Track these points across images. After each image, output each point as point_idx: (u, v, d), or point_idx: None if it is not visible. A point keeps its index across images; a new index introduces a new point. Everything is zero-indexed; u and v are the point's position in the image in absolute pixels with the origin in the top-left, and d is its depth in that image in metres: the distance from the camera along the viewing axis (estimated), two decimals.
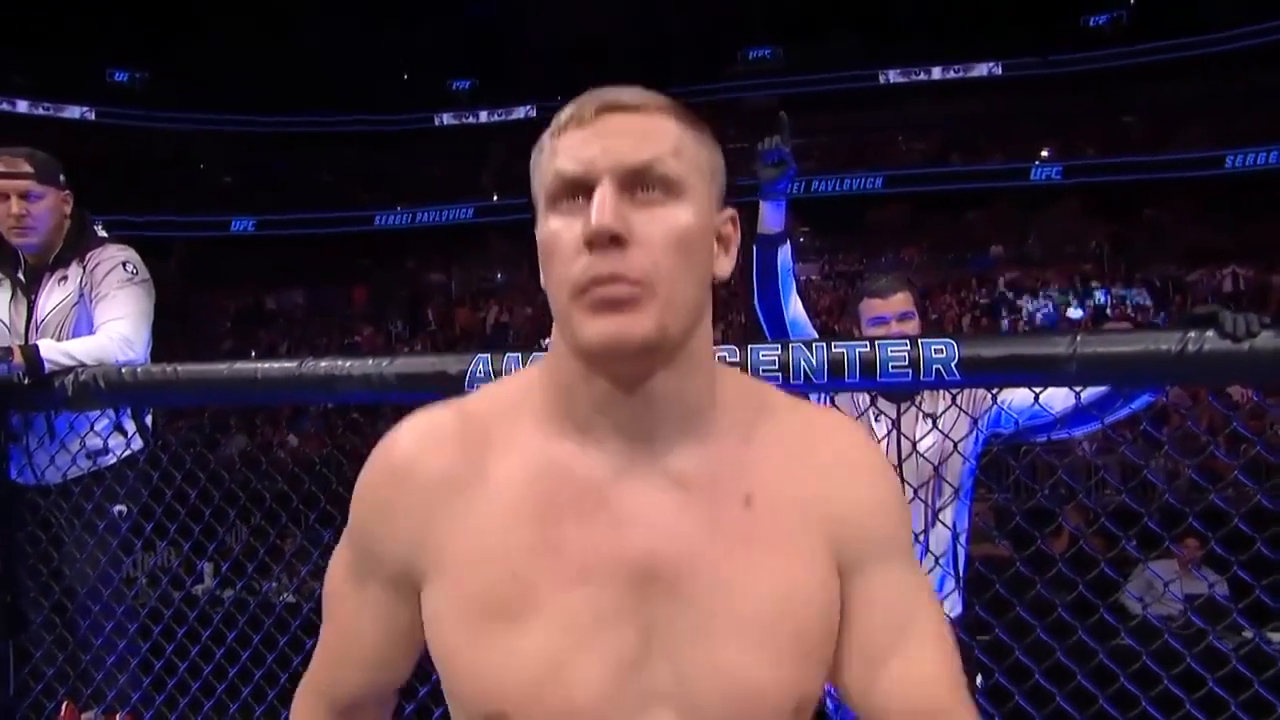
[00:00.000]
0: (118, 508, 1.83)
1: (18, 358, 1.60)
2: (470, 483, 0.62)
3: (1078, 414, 1.33)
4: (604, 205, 0.56)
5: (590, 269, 0.57)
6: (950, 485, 1.63)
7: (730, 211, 0.65)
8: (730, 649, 0.60)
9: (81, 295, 1.88)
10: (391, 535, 0.64)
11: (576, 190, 0.58)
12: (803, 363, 1.18)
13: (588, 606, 0.59)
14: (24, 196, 1.84)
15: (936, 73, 20.30)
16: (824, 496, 0.65)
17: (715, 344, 0.70)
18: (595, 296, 0.57)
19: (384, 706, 0.75)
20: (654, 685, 0.60)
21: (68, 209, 1.94)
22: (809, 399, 0.75)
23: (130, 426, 1.90)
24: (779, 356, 1.20)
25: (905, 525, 0.69)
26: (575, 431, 0.62)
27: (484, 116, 22.09)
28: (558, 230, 0.59)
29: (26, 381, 1.62)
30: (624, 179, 0.58)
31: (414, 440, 0.65)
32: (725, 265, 0.64)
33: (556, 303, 0.60)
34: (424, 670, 0.69)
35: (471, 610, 0.60)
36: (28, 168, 1.86)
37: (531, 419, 0.64)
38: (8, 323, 1.91)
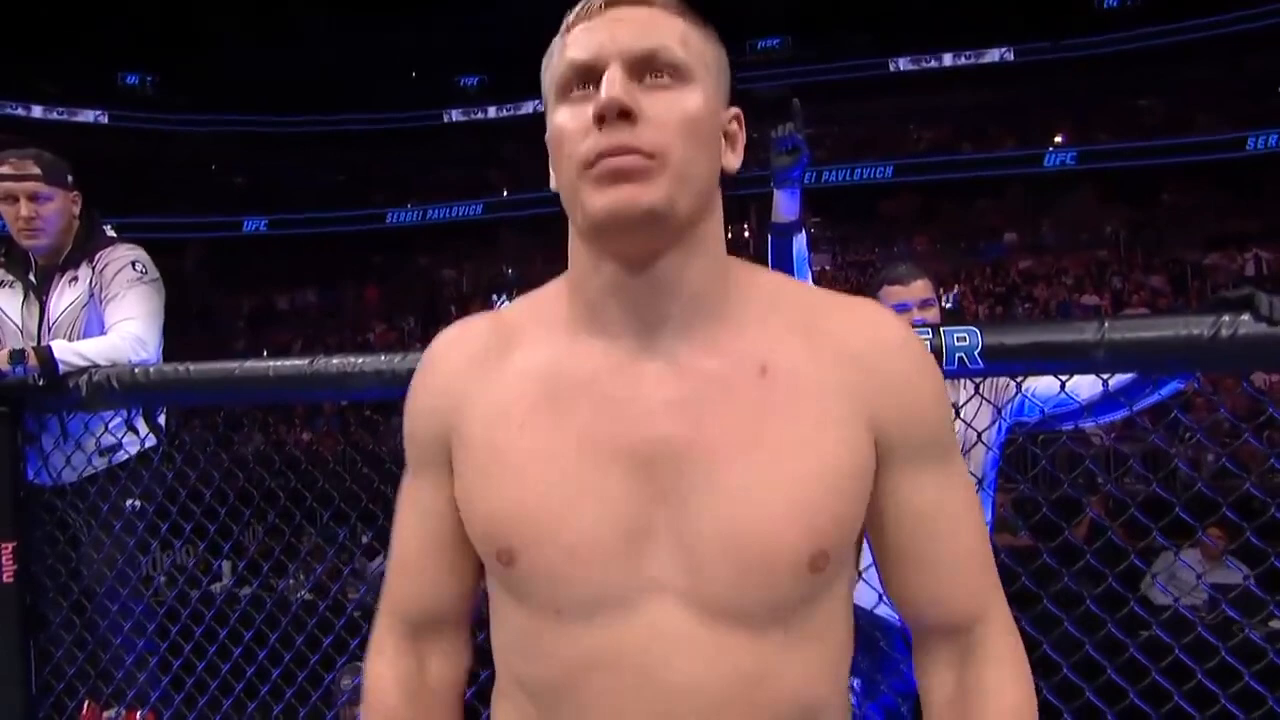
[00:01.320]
0: (131, 502, 1.83)
1: (32, 360, 1.60)
2: (493, 369, 0.66)
3: (1105, 401, 1.30)
4: (613, 81, 0.58)
5: (600, 142, 0.58)
6: (974, 475, 1.60)
7: (735, 110, 0.66)
8: (735, 507, 0.60)
9: (92, 296, 1.88)
10: (428, 413, 0.69)
11: (586, 78, 0.60)
12: None
13: (591, 472, 0.61)
14: (33, 198, 1.84)
15: (947, 59, 20.07)
16: (855, 378, 0.63)
17: None
18: (604, 168, 0.57)
19: (458, 632, 0.74)
20: (656, 566, 0.60)
21: (76, 210, 1.93)
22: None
23: (143, 426, 1.90)
24: None
25: (947, 423, 0.67)
26: (590, 326, 0.64)
27: (493, 113, 22.07)
28: (567, 117, 0.61)
29: (41, 383, 1.62)
30: (632, 63, 0.59)
31: (449, 337, 0.71)
32: (732, 160, 0.65)
33: (565, 185, 0.61)
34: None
35: (484, 459, 0.64)
36: (36, 169, 1.86)
37: (554, 320, 0.66)
38: (20, 325, 1.91)
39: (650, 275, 0.61)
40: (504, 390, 0.65)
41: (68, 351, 1.65)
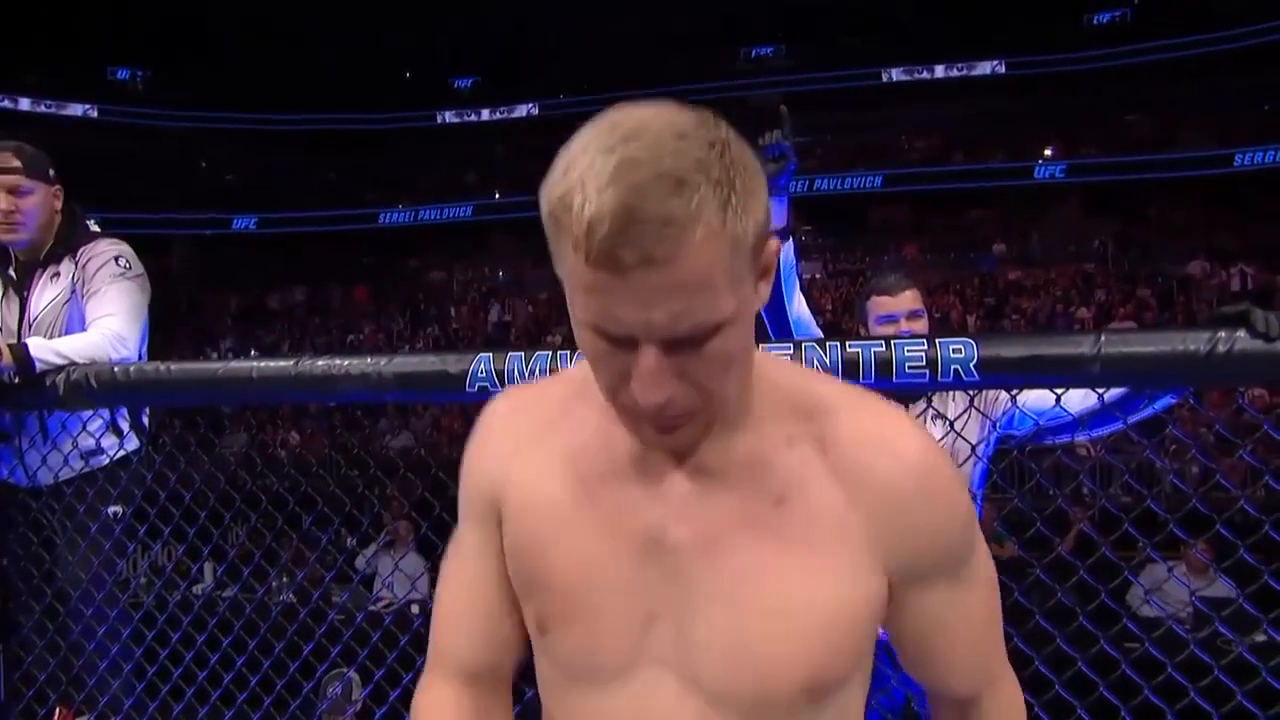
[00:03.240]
0: (112, 509, 1.79)
1: (7, 358, 1.57)
2: (538, 447, 0.70)
3: (1099, 415, 1.29)
4: (651, 382, 0.56)
5: (640, 408, 0.58)
6: None
7: (775, 243, 0.61)
8: (736, 624, 0.62)
9: (74, 291, 1.84)
10: (480, 477, 0.73)
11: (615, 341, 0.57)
12: (816, 363, 1.14)
13: (604, 559, 0.65)
14: (12, 191, 1.80)
15: (939, 71, 20.22)
16: (874, 519, 0.63)
17: None
18: (646, 420, 0.59)
19: (503, 687, 0.77)
20: (658, 646, 0.64)
21: (58, 204, 1.89)
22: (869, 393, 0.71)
23: (125, 425, 1.86)
24: (792, 356, 1.16)
25: (966, 543, 0.67)
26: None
27: (486, 115, 22.04)
28: (596, 350, 0.58)
29: (16, 381, 1.59)
30: (668, 343, 0.55)
31: (502, 411, 0.74)
32: (765, 293, 0.61)
33: (602, 392, 0.61)
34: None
35: (518, 540, 0.69)
36: (16, 162, 1.82)
37: (596, 400, 0.66)
38: (0, 322, 1.87)
39: None
40: (545, 470, 0.69)
41: (45, 349, 1.61)
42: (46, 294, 1.86)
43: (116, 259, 1.85)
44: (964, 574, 0.67)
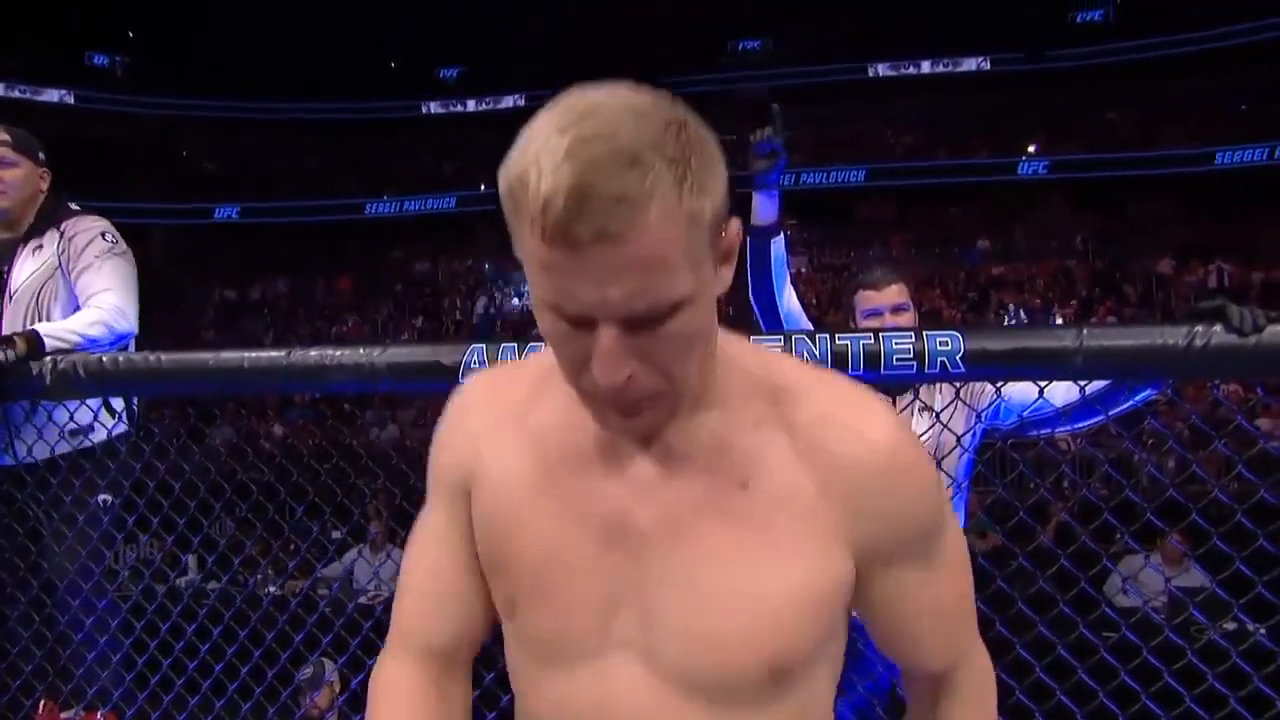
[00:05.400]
0: (101, 497, 1.78)
1: (21, 347, 1.56)
2: (507, 426, 0.70)
3: (1081, 408, 1.32)
4: (610, 362, 0.55)
5: (600, 389, 0.57)
6: (948, 476, 1.62)
7: (735, 224, 0.60)
8: (698, 607, 0.63)
9: (60, 264, 1.84)
10: (451, 456, 0.73)
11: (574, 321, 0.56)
12: (806, 355, 1.16)
13: (570, 542, 0.66)
14: None
15: (926, 67, 20.31)
16: (841, 503, 0.63)
17: None
18: (611, 404, 0.59)
19: (464, 667, 0.77)
20: (622, 629, 0.65)
21: (44, 185, 1.91)
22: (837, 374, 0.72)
23: (119, 404, 1.85)
24: (781, 348, 1.17)
25: (934, 522, 0.67)
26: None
27: (472, 105, 21.88)
28: (556, 332, 0.57)
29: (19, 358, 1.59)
30: (626, 321, 0.55)
31: (475, 393, 0.75)
32: (726, 277, 0.60)
33: (564, 374, 0.61)
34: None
35: (493, 515, 0.69)
36: (4, 135, 1.85)
37: (563, 384, 0.65)
38: None
39: None
40: (514, 453, 0.69)
41: (56, 331, 1.63)
42: (28, 266, 1.85)
43: (103, 234, 1.85)
44: (933, 553, 0.67)
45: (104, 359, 1.55)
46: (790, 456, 0.63)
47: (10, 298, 1.83)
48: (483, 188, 20.75)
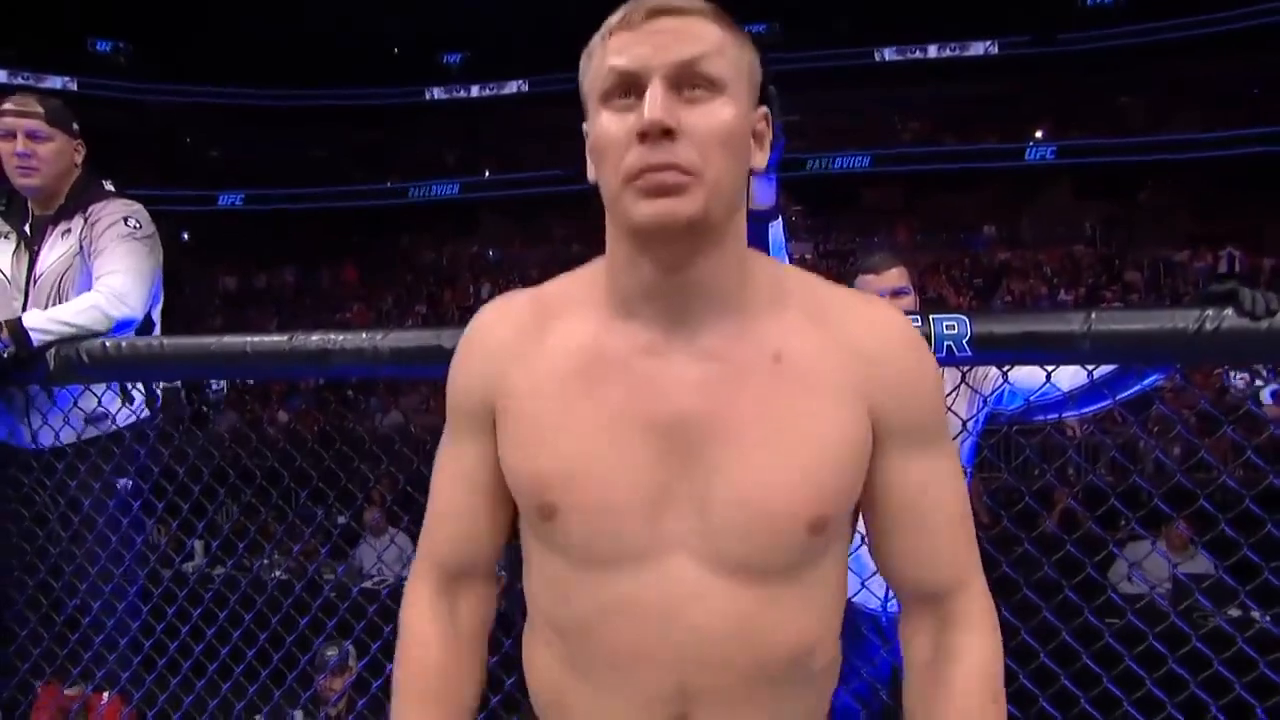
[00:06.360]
0: (122, 481, 1.77)
1: (4, 333, 1.53)
2: (532, 346, 0.73)
3: (1088, 392, 1.31)
4: (656, 101, 0.63)
5: (643, 158, 0.63)
6: None
7: (764, 109, 0.71)
8: (746, 475, 0.67)
9: (82, 248, 1.81)
10: (468, 383, 0.76)
11: (629, 87, 0.65)
12: None
13: (622, 441, 0.68)
14: (31, 136, 1.78)
15: (932, 51, 20.11)
16: (859, 370, 0.70)
17: None
18: (648, 182, 0.63)
19: (487, 579, 0.83)
20: (674, 522, 0.68)
21: (78, 159, 1.88)
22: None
23: (138, 395, 1.83)
24: None
25: (938, 409, 0.73)
26: (623, 313, 0.71)
27: (475, 91, 21.77)
28: (610, 125, 0.65)
29: (20, 357, 1.55)
30: (672, 76, 0.64)
31: (492, 312, 0.78)
32: (760, 159, 0.70)
33: (609, 190, 0.66)
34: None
35: (527, 426, 0.72)
36: (38, 108, 1.81)
37: (590, 303, 0.73)
38: (9, 275, 1.82)
39: (682, 276, 0.68)
40: (544, 364, 0.72)
41: (41, 320, 1.56)
42: (55, 249, 1.82)
43: (126, 219, 1.82)
44: (939, 444, 0.73)
45: (106, 344, 1.54)
46: (813, 336, 0.70)
47: (34, 282, 1.80)
48: (487, 173, 20.70)
